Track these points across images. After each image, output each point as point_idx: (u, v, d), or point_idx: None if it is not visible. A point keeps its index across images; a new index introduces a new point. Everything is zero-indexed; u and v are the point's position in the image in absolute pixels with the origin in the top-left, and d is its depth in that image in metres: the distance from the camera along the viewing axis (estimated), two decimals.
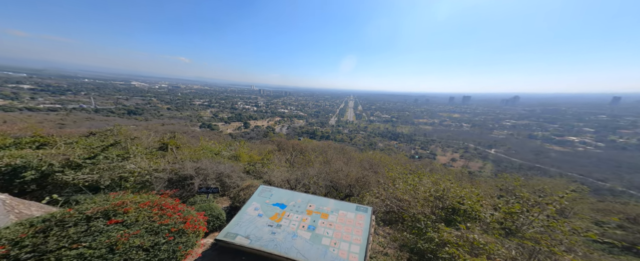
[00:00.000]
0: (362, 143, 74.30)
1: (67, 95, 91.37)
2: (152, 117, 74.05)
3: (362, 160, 12.36)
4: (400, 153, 20.84)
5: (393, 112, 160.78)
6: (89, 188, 5.74)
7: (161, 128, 20.48)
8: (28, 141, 8.25)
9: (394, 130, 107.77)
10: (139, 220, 2.81)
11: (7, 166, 5.62)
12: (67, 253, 2.14)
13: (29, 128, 11.12)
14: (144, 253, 2.51)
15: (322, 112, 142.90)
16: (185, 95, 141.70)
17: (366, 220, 4.85)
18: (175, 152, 9.06)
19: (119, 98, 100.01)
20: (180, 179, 6.54)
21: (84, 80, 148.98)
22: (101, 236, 2.42)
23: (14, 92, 79.78)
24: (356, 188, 8.82)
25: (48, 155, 6.34)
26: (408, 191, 5.82)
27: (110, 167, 6.33)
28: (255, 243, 4.23)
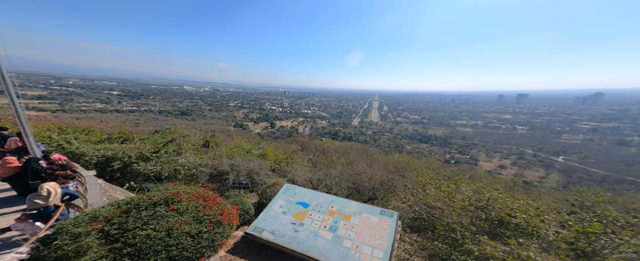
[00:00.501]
0: (387, 145, 70.26)
1: (141, 100, 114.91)
2: (198, 117, 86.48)
3: (387, 162, 11.78)
4: (432, 157, 18.91)
5: (424, 113, 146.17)
6: (154, 178, 7.14)
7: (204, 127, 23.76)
8: (116, 137, 10.77)
9: (425, 132, 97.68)
10: (189, 209, 3.26)
11: (103, 156, 7.47)
12: (140, 232, 2.67)
13: (116, 127, 14.51)
14: (190, 240, 2.90)
15: (344, 113, 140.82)
16: (222, 98, 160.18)
17: (391, 225, 4.70)
18: (215, 149, 10.37)
19: (175, 101, 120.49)
20: (218, 174, 7.48)
21: (152, 86, 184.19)
22: (162, 221, 2.90)
23: (107, 98, 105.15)
24: (380, 192, 8.57)
25: (128, 148, 8.15)
26: (442, 198, 5.46)
27: (168, 160, 7.73)
28: (280, 240, 4.53)
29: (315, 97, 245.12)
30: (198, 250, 2.96)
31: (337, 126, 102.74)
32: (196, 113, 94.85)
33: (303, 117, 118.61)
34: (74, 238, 2.45)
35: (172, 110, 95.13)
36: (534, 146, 75.42)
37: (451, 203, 5.12)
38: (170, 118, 65.47)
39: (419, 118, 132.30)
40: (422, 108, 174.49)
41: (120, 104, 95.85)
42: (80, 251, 2.38)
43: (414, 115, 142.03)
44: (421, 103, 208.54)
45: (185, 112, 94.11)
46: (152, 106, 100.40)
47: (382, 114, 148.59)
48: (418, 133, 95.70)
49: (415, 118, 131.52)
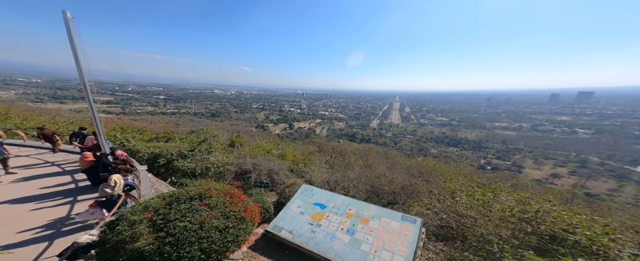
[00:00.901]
0: (410, 148, 65.95)
1: (180, 103, 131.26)
2: (225, 118, 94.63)
3: (410, 166, 11.10)
4: (462, 162, 17.08)
5: (453, 114, 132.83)
6: (190, 174, 8.08)
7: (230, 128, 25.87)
8: (161, 136, 12.51)
9: (454, 135, 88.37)
10: (218, 204, 3.56)
11: (152, 153, 8.77)
12: (179, 224, 3.01)
13: (162, 128, 16.84)
14: (218, 234, 3.15)
15: (362, 114, 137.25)
16: (246, 100, 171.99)
17: (414, 232, 4.51)
18: (239, 148, 11.21)
19: (207, 104, 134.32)
20: (242, 172, 8.09)
21: (189, 90, 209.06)
22: (196, 215, 3.21)
23: (156, 102, 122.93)
24: (401, 197, 8.21)
25: (170, 147, 9.40)
26: (475, 207, 5.12)
27: (201, 159, 8.67)
28: (297, 239, 4.68)
29: (332, 98, 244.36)
30: (224, 244, 3.20)
31: (355, 128, 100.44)
32: (224, 115, 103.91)
33: (320, 119, 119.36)
34: (130, 224, 2.92)
35: (204, 112, 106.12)
36: (602, 153, 61.46)
37: (487, 213, 4.75)
38: (203, 119, 73.19)
39: (447, 120, 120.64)
40: (450, 109, 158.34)
41: (165, 107, 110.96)
42: (135, 237, 2.79)
43: (440, 116, 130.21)
44: (449, 104, 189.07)
45: (215, 114, 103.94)
46: (189, 108, 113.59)
47: (403, 116, 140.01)
48: (445, 136, 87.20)
49: (443, 120, 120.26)
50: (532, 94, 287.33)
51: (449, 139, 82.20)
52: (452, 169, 11.31)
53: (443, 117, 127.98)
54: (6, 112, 13.82)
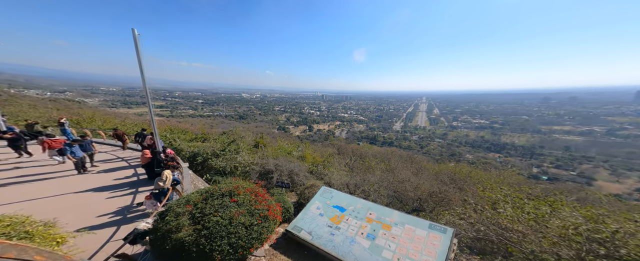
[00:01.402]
0: (439, 153, 59.90)
1: (214, 106, 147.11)
2: (251, 121, 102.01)
3: (439, 172, 10.16)
4: (507, 169, 14.81)
5: (495, 116, 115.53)
6: (221, 172, 8.95)
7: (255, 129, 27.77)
8: (199, 137, 14.21)
9: (496, 139, 76.31)
10: (245, 202, 3.86)
11: (192, 152, 10.03)
12: (212, 218, 3.36)
13: (199, 129, 19.13)
14: (244, 230, 3.41)
15: (384, 117, 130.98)
16: (269, 103, 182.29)
17: (444, 243, 4.20)
18: (263, 149, 11.94)
19: (235, 107, 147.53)
20: (265, 172, 8.59)
21: (221, 94, 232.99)
22: (227, 210, 3.55)
23: (195, 105, 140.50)
24: (429, 204, 7.68)
25: (206, 146, 10.60)
26: (524, 220, 4.70)
27: (230, 158, 9.54)
28: (316, 241, 4.75)
29: (352, 100, 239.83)
30: (249, 240, 3.43)
31: (376, 130, 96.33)
32: (250, 117, 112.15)
33: (340, 121, 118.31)
34: (176, 216, 3.39)
35: (233, 115, 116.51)
36: None
37: (541, 228, 4.36)
38: (232, 121, 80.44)
39: (487, 122, 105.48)
40: (492, 110, 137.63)
41: (202, 110, 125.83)
42: (179, 227, 3.20)
43: (478, 118, 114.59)
44: (491, 105, 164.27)
45: (242, 116, 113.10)
46: (221, 111, 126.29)
47: (431, 118, 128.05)
48: (485, 140, 76.18)
49: (482, 123, 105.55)
50: (608, 92, 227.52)
51: (490, 144, 71.58)
52: (493, 177, 9.98)
53: (482, 119, 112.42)
54: (92, 116, 17.68)
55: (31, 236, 2.76)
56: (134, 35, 5.31)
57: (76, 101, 46.93)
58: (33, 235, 2.77)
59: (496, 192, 6.64)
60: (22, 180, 5.72)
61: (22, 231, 2.74)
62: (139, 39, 5.35)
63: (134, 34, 5.30)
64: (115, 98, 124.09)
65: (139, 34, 5.35)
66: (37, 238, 2.78)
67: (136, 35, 5.31)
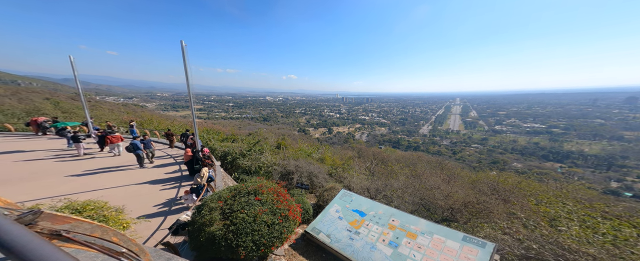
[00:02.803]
0: (476, 159, 52.67)
1: (242, 109, 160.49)
2: (274, 123, 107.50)
3: (476, 180, 8.96)
4: (573, 182, 12.20)
5: (555, 120, 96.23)
6: (247, 171, 9.63)
7: (277, 131, 29.13)
8: (230, 137, 15.66)
9: (556, 146, 63.04)
10: (268, 201, 4.02)
11: (223, 152, 11.09)
12: (239, 215, 3.60)
13: (230, 130, 21.10)
14: (266, 228, 3.54)
15: (409, 120, 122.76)
16: (291, 106, 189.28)
17: (482, 258, 3.81)
18: (284, 151, 12.44)
19: (260, 110, 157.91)
20: (286, 173, 8.91)
21: (248, 98, 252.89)
22: (251, 208, 3.76)
23: (227, 108, 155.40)
24: (463, 214, 6.91)
25: (235, 146, 11.60)
26: (599, 243, 4.19)
27: (255, 158, 10.20)
28: (335, 244, 4.70)
29: (374, 102, 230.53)
30: (270, 239, 3.55)
31: (400, 134, 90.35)
32: (273, 119, 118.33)
33: (360, 124, 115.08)
34: (209, 210, 3.74)
35: (258, 117, 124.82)
36: None
37: (621, 253, 3.86)
38: (257, 123, 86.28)
39: (543, 126, 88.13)
40: (549, 113, 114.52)
41: (232, 112, 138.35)
42: (211, 221, 3.50)
43: (530, 122, 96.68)
44: (548, 107, 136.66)
45: (266, 118, 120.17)
46: (247, 114, 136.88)
47: (467, 121, 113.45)
48: (540, 147, 63.69)
49: (535, 127, 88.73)
50: None
51: (547, 151, 59.52)
52: (551, 190, 8.40)
53: (536, 122, 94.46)
54: (150, 118, 21.22)
55: (106, 220, 3.32)
56: (182, 47, 6.17)
57: (140, 106, 56.99)
58: (108, 219, 3.34)
59: (556, 207, 5.77)
60: (99, 171, 7.15)
61: (101, 215, 3.33)
62: (185, 49, 6.19)
63: (182, 46, 6.17)
64: (167, 103, 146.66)
65: (185, 45, 6.21)
66: (110, 222, 3.33)
67: (183, 47, 6.16)
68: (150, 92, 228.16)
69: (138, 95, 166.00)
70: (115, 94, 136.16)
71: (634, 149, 56.60)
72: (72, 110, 20.26)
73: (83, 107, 10.68)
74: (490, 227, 5.68)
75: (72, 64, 9.50)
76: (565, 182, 11.21)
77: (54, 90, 44.75)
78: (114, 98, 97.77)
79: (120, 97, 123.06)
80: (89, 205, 3.38)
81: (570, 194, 7.49)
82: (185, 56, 6.20)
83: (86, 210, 3.29)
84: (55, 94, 31.07)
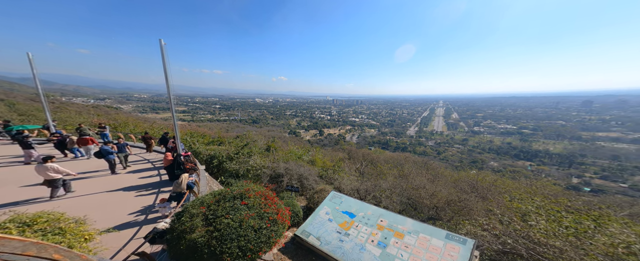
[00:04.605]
0: (458, 159, 56.48)
1: (230, 111, 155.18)
2: (263, 125, 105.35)
3: (458, 179, 9.51)
4: (541, 179, 13.39)
5: (524, 121, 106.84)
6: (234, 175, 9.29)
7: (267, 133, 28.56)
8: (216, 140, 15.02)
9: (526, 145, 69.77)
10: (255, 205, 3.90)
11: (209, 155, 10.60)
12: (224, 220, 3.44)
13: (217, 133, 20.23)
14: (253, 233, 3.42)
15: (397, 121, 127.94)
16: (281, 107, 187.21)
17: (463, 254, 3.99)
18: (274, 153, 12.21)
19: (249, 112, 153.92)
20: (276, 176, 8.74)
21: (236, 100, 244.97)
22: (237, 213, 3.61)
23: (213, 110, 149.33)
24: (446, 213, 7.26)
25: (222, 150, 11.14)
26: (562, 235, 4.44)
27: (243, 161, 9.88)
28: (325, 247, 4.66)
29: (363, 104, 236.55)
30: (258, 244, 3.45)
31: (388, 135, 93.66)
32: (262, 122, 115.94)
33: (350, 125, 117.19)
34: (191, 217, 3.53)
35: (247, 119, 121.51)
36: None
37: (583, 245, 4.10)
38: (246, 125, 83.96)
39: (515, 127, 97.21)
40: (520, 115, 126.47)
41: (219, 115, 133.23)
42: (193, 228, 3.31)
43: (503, 123, 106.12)
44: (519, 109, 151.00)
45: (255, 120, 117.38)
46: (235, 116, 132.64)
47: (449, 122, 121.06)
48: (512, 147, 69.86)
49: (508, 128, 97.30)
50: None
51: (518, 151, 65.40)
52: (522, 187, 9.15)
53: (508, 124, 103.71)
54: (126, 121, 19.67)
55: (64, 233, 2.95)
56: (161, 46, 5.84)
57: (113, 107, 52.68)
58: (65, 232, 2.97)
59: (527, 202, 6.23)
60: None
61: (57, 228, 2.93)
62: (165, 48, 5.87)
63: (161, 45, 5.84)
64: (146, 105, 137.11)
65: (165, 44, 5.88)
66: (68, 235, 2.96)
67: (162, 46, 5.83)
68: (127, 93, 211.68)
69: (111, 96, 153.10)
70: (84, 95, 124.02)
71: (590, 148, 64.17)
72: (31, 112, 18.11)
73: (44, 108, 9.55)
74: (471, 224, 5.95)
75: (31, 61, 8.48)
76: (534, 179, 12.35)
77: (9, 90, 40.02)
78: (83, 99, 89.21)
79: (90, 98, 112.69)
80: (40, 218, 2.98)
81: (538, 190, 8.22)
82: (165, 56, 5.88)
83: (37, 223, 2.89)
84: (11, 94, 27.65)
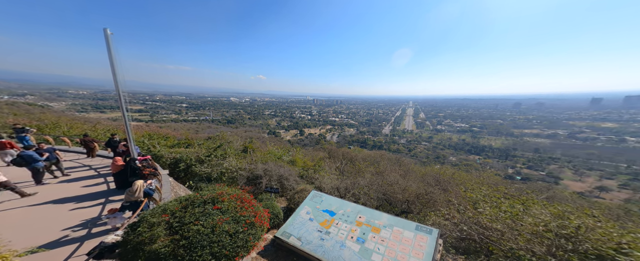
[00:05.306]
0: (425, 155, 63.12)
1: (200, 110, 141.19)
2: (240, 125, 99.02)
3: (425, 174, 10.54)
4: (486, 171, 15.86)
5: (474, 121, 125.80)
6: (206, 178, 8.49)
7: (244, 134, 26.94)
8: (183, 142, 13.45)
9: (475, 142, 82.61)
10: (229, 209, 3.67)
11: (174, 158, 9.43)
12: (193, 227, 3.13)
13: (183, 134, 18.14)
14: (229, 238, 3.22)
15: (374, 121, 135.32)
16: (259, 107, 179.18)
17: (430, 244, 4.31)
18: (252, 154, 11.59)
19: (223, 111, 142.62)
20: (254, 178, 8.30)
21: (208, 99, 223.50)
22: (209, 218, 3.34)
23: (179, 110, 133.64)
24: (416, 205, 7.87)
25: (190, 152, 10.04)
26: (502, 219, 4.90)
27: (216, 164, 9.10)
28: (306, 246, 4.61)
29: (343, 104, 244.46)
30: (234, 249, 3.25)
31: (366, 134, 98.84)
32: (238, 122, 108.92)
33: (331, 125, 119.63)
34: (150, 226, 3.11)
35: (221, 119, 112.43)
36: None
37: (516, 226, 4.53)
38: (219, 126, 77.47)
39: (467, 126, 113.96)
40: (471, 115, 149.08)
41: (186, 115, 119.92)
42: (153, 238, 2.95)
43: (459, 122, 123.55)
44: (470, 110, 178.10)
45: (230, 121, 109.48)
46: (207, 116, 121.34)
47: (417, 122, 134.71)
48: (466, 143, 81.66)
49: (462, 127, 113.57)
50: (569, 99, 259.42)
51: (470, 146, 76.72)
52: (473, 178, 10.58)
53: (462, 123, 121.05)
54: (56, 121, 15.99)
55: None
56: (106, 36, 5.01)
57: (38, 105, 42.18)
58: None
59: (476, 192, 7.02)
60: None
61: None
62: (111, 39, 5.05)
63: (106, 34, 5.01)
64: (86, 102, 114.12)
65: (111, 34, 5.06)
66: None
67: (108, 35, 5.02)
68: (58, 88, 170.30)
69: (35, 91, 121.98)
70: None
71: (519, 143, 79.61)
72: None
73: None
74: (436, 215, 6.26)
75: None
76: (482, 171, 14.55)
77: None
78: None
79: (4, 93, 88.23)
80: None
81: (485, 181, 9.69)
82: (111, 47, 5.05)
83: None
84: None
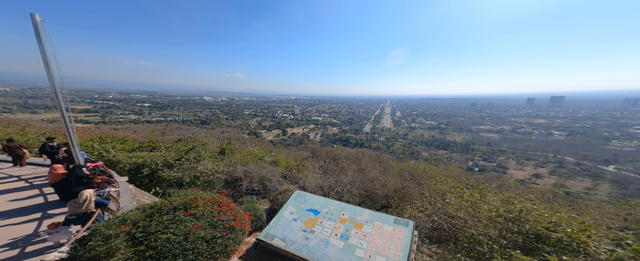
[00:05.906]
0: (402, 151, 67.72)
1: (167, 110, 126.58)
2: (216, 126, 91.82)
3: (402, 170, 11.30)
4: (451, 164, 17.75)
5: (441, 118, 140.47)
6: (177, 184, 7.64)
7: (221, 135, 25.10)
8: (145, 146, 11.84)
9: (443, 138, 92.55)
10: (205, 214, 3.41)
11: (134, 164, 8.24)
12: (161, 236, 2.83)
13: (146, 137, 15.98)
14: (205, 244, 3.00)
15: (355, 119, 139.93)
16: (238, 107, 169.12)
17: (407, 235, 4.55)
18: (230, 156, 10.85)
19: (196, 111, 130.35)
20: (233, 180, 7.78)
21: (177, 98, 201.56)
22: (181, 225, 3.05)
23: (140, 110, 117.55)
24: (394, 200, 8.27)
25: (155, 156, 8.89)
26: (464, 208, 5.20)
27: (189, 167, 8.26)
28: (290, 247, 4.51)
29: (325, 103, 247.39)
30: (212, 255, 3.04)
31: (348, 132, 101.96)
32: (214, 122, 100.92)
33: (314, 124, 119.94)
34: (105, 239, 2.68)
35: (193, 120, 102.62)
36: (577, 153, 66.69)
37: (476, 214, 4.85)
38: (191, 127, 70.54)
39: (436, 123, 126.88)
40: (438, 113, 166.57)
41: (150, 115, 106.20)
42: (110, 252, 2.58)
43: (429, 120, 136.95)
44: (438, 108, 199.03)
45: (205, 121, 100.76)
46: (176, 116, 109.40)
47: (394, 120, 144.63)
48: (435, 139, 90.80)
49: (432, 124, 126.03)
50: (511, 98, 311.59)
51: (439, 142, 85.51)
52: (442, 171, 11.67)
53: (432, 120, 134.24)
54: None
55: None
56: (34, 23, 4.10)
57: None
58: None
59: (444, 184, 7.56)
60: None
61: None
62: (41, 26, 4.15)
63: (35, 21, 4.10)
64: (9, 101, 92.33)
65: (41, 21, 4.16)
66: None
67: (38, 22, 4.12)
68: None
69: None
70: None
71: (477, 138, 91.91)
72: None
73: None
74: (411, 208, 6.58)
75: None
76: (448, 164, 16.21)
77: None
78: None
79: None
80: None
81: (451, 173, 10.80)
82: (43, 36, 4.17)
83: None
84: None
